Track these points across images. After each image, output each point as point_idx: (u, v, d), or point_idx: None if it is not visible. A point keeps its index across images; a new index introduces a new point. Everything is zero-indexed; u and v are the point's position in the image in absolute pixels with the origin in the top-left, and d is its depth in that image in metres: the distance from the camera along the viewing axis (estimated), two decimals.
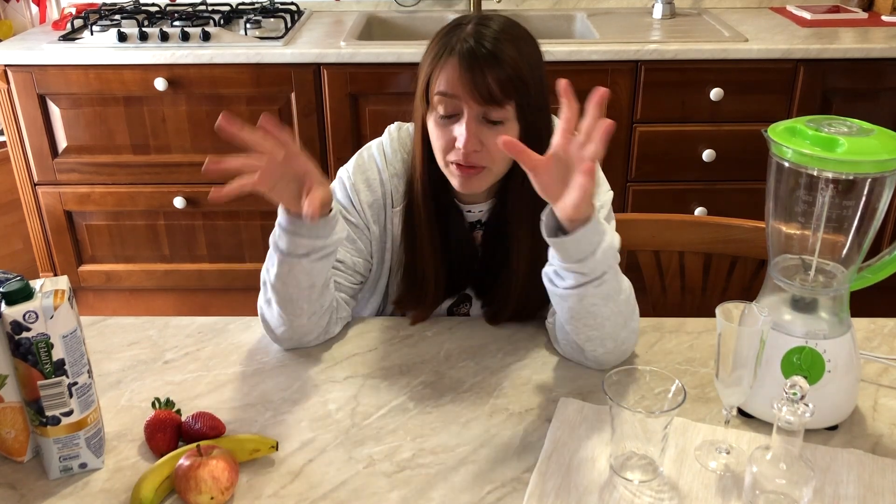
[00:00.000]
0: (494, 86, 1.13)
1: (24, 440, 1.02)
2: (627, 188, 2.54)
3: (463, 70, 1.13)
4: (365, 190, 1.29)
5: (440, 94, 1.16)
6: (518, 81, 1.14)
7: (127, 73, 2.41)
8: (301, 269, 1.13)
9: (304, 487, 0.98)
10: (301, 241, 1.11)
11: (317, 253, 1.13)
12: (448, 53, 1.15)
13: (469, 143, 1.15)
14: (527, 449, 1.04)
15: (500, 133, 1.14)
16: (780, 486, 0.89)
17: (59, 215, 2.61)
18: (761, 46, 2.36)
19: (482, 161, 1.18)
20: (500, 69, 1.13)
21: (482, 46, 1.13)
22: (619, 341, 1.15)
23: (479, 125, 1.16)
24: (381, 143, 1.32)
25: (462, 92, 1.14)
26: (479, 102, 1.14)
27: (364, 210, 1.29)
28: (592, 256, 1.06)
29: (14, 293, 0.93)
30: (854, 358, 1.06)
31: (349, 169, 1.31)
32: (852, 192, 0.99)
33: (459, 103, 1.15)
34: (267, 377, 1.20)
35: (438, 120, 1.18)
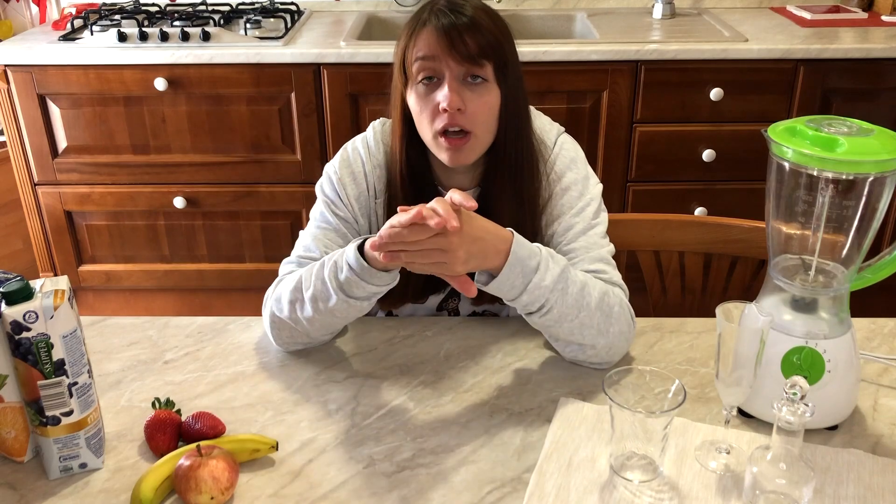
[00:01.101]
0: (472, 44, 1.16)
1: (24, 440, 1.02)
2: (627, 188, 2.54)
3: (440, 32, 1.16)
4: (351, 183, 1.30)
5: (420, 59, 1.18)
6: (495, 44, 1.18)
7: (127, 73, 2.41)
8: (358, 307, 1.15)
9: (304, 487, 0.98)
10: (369, 288, 1.11)
11: (376, 296, 1.14)
12: (422, 24, 1.19)
13: (453, 101, 1.17)
14: (527, 449, 1.04)
15: (482, 94, 1.19)
16: (780, 486, 0.89)
17: (60, 215, 2.61)
18: (761, 46, 2.36)
19: (467, 124, 1.19)
20: (477, 31, 1.17)
21: (458, 13, 1.17)
22: (600, 348, 1.17)
23: (460, 85, 1.18)
24: (364, 137, 1.34)
25: (441, 52, 1.17)
26: (458, 61, 1.17)
27: (351, 203, 1.30)
28: (519, 298, 1.10)
29: (14, 293, 0.93)
30: (854, 358, 1.06)
31: (335, 164, 1.32)
32: (852, 192, 0.99)
33: (440, 65, 1.18)
34: (267, 377, 1.20)
35: (420, 90, 1.20)
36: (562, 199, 1.28)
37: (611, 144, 2.47)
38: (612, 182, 2.52)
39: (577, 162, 1.31)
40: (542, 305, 1.11)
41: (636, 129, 2.47)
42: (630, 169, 2.52)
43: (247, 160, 2.53)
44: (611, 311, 1.16)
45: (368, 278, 1.09)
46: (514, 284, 1.09)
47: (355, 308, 1.14)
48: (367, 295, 1.12)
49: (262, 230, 2.63)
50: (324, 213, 1.30)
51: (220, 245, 2.67)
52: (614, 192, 2.54)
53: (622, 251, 1.51)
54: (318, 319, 1.16)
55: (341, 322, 1.20)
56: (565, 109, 2.43)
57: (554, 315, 1.12)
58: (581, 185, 1.29)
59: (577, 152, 1.33)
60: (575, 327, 1.14)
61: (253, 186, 2.56)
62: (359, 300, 1.13)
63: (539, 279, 1.09)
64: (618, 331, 1.16)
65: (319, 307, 1.14)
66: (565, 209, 1.27)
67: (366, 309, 1.16)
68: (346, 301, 1.12)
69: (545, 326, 1.15)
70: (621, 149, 2.48)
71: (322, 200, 1.30)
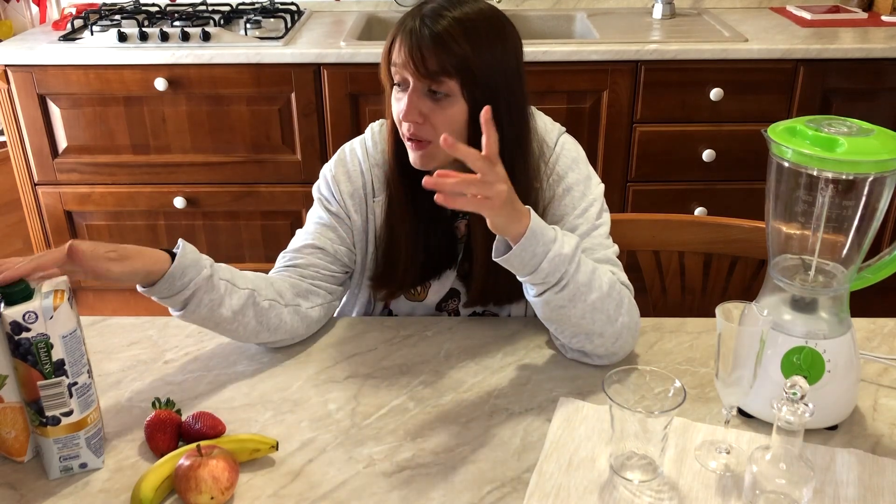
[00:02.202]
0: (432, 61, 1.15)
1: (24, 440, 1.02)
2: (627, 188, 2.54)
3: (407, 44, 1.16)
4: (345, 181, 1.32)
5: (394, 64, 1.19)
6: (460, 61, 1.15)
7: (127, 73, 2.41)
8: (194, 318, 1.16)
9: (304, 487, 0.98)
10: (163, 302, 1.13)
11: (182, 306, 1.14)
12: (402, 29, 1.19)
13: (407, 114, 1.17)
14: (527, 449, 1.04)
15: (445, 108, 1.17)
16: (780, 486, 0.89)
17: (60, 215, 2.61)
18: (761, 46, 2.36)
19: (427, 135, 1.19)
20: (440, 48, 1.15)
21: (426, 26, 1.16)
22: (607, 337, 1.16)
23: (422, 98, 1.18)
24: (362, 138, 1.36)
25: (405, 64, 1.17)
26: (419, 77, 1.16)
27: (344, 200, 1.31)
28: (540, 267, 1.08)
29: (14, 293, 0.93)
30: (854, 358, 1.06)
31: (331, 164, 1.35)
32: (852, 192, 0.99)
33: (407, 75, 1.18)
34: (267, 377, 1.20)
35: (395, 92, 1.22)
36: (564, 200, 1.28)
37: (611, 144, 2.47)
38: (612, 182, 2.52)
39: (578, 162, 1.31)
40: (560, 278, 1.09)
41: (636, 129, 2.47)
42: (630, 169, 2.52)
43: (247, 160, 2.53)
44: (621, 300, 1.16)
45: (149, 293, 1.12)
46: (535, 252, 1.07)
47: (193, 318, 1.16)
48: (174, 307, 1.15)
49: (262, 230, 2.63)
50: (317, 209, 1.33)
51: (220, 245, 2.66)
52: (614, 192, 2.54)
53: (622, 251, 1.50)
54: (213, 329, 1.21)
55: (218, 329, 1.20)
56: (565, 109, 2.43)
57: (569, 292, 1.10)
58: (583, 186, 1.29)
59: (579, 152, 1.33)
60: (587, 310, 1.13)
61: (253, 186, 2.56)
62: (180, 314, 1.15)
63: (559, 247, 1.08)
64: (625, 322, 1.16)
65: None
66: (568, 210, 1.27)
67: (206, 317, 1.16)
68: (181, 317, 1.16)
69: (558, 307, 1.12)
70: (621, 149, 2.48)
71: (317, 198, 1.34)
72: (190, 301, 1.13)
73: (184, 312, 1.14)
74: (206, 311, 1.15)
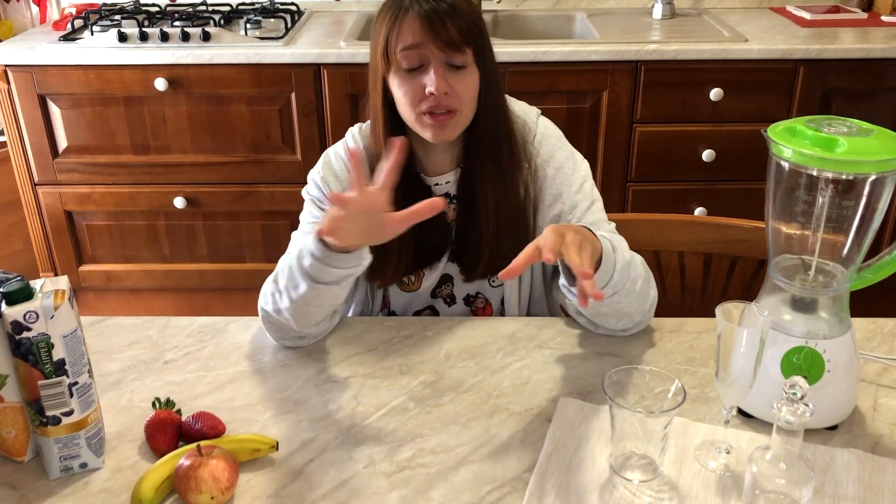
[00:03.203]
0: (454, 31, 1.20)
1: (24, 440, 1.02)
2: (627, 188, 2.54)
3: (424, 20, 1.19)
4: (334, 181, 1.33)
5: (405, 48, 1.21)
6: (475, 27, 1.22)
7: (127, 74, 2.42)
8: (329, 293, 1.16)
9: (304, 487, 0.99)
10: (334, 272, 1.13)
11: (347, 280, 1.15)
12: (405, 11, 1.21)
13: (440, 86, 1.21)
14: (527, 449, 1.04)
15: (464, 77, 1.23)
16: (780, 486, 0.89)
17: (60, 215, 2.62)
18: (761, 46, 2.36)
19: (454, 104, 1.23)
20: (459, 17, 1.20)
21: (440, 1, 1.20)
22: (643, 313, 1.24)
23: (445, 69, 1.22)
24: (343, 141, 1.38)
25: (425, 39, 1.20)
26: (441, 48, 1.20)
27: None
28: (612, 280, 1.14)
29: (14, 293, 0.93)
30: (854, 358, 1.06)
31: (317, 168, 1.36)
32: (852, 192, 0.99)
33: (424, 52, 1.21)
34: (267, 377, 1.20)
35: (404, 76, 1.23)
36: (557, 179, 1.33)
37: (611, 144, 2.47)
38: (612, 182, 2.52)
39: (562, 140, 1.37)
40: (626, 282, 1.16)
41: (636, 129, 2.47)
42: (630, 169, 2.52)
43: (247, 160, 2.53)
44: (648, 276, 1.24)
45: (332, 262, 1.11)
46: (607, 269, 1.13)
47: (327, 293, 1.15)
48: (335, 279, 1.13)
49: (262, 230, 2.63)
50: (312, 211, 1.34)
51: (221, 245, 2.67)
52: (614, 192, 2.54)
53: None
54: (294, 309, 1.18)
55: (319, 310, 1.20)
56: (565, 109, 2.43)
57: (627, 289, 1.17)
58: (572, 163, 1.35)
59: (558, 131, 1.39)
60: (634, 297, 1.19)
61: (253, 186, 2.57)
62: (328, 285, 1.14)
63: (620, 256, 1.15)
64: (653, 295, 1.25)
65: (292, 296, 1.16)
66: (563, 187, 1.32)
67: (339, 294, 1.17)
68: (315, 287, 1.14)
69: (615, 303, 1.18)
70: (621, 149, 2.48)
71: (309, 200, 1.36)
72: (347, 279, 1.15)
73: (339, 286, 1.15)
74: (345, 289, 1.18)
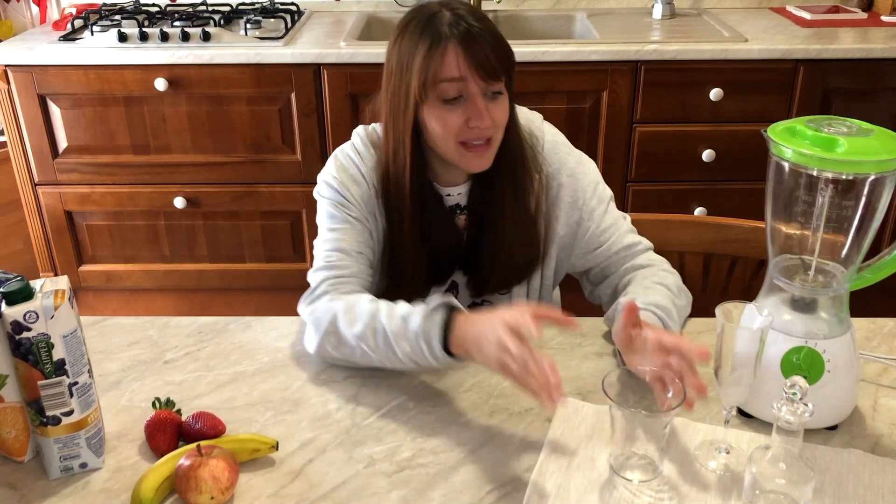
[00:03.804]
0: (496, 62, 1.19)
1: (24, 440, 1.02)
2: (627, 188, 2.54)
3: (468, 52, 1.18)
4: (353, 185, 1.29)
5: (448, 80, 1.19)
6: (510, 52, 1.22)
7: (127, 74, 2.41)
8: (400, 367, 1.16)
9: (304, 487, 0.99)
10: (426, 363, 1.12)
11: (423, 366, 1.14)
12: (444, 40, 1.19)
13: (486, 119, 1.20)
14: (527, 449, 1.04)
15: (500, 104, 1.23)
16: (780, 486, 0.89)
17: (60, 215, 2.61)
18: (761, 46, 2.36)
19: (491, 132, 1.23)
20: (497, 46, 1.20)
21: (474, 26, 1.19)
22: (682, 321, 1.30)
23: (485, 100, 1.21)
24: (351, 143, 1.34)
25: (468, 72, 1.18)
26: (484, 78, 1.19)
27: (361, 204, 1.29)
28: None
29: (14, 293, 0.93)
30: (854, 358, 1.06)
31: (331, 172, 1.31)
32: (852, 192, 0.99)
33: (465, 84, 1.19)
34: (267, 377, 1.20)
35: (442, 106, 1.21)
36: (571, 185, 1.33)
37: (611, 144, 2.47)
38: (612, 182, 2.49)
39: (568, 146, 1.37)
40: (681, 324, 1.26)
41: (636, 129, 2.46)
42: (630, 169, 2.52)
43: (247, 160, 2.53)
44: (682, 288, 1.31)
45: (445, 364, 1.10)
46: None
47: (404, 366, 1.15)
48: (419, 363, 1.12)
49: (262, 230, 2.63)
50: (336, 215, 1.28)
51: (220, 245, 2.66)
52: (614, 193, 2.52)
53: None
54: (368, 361, 1.17)
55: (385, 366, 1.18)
56: (565, 109, 2.43)
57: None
58: (582, 166, 1.36)
59: (563, 135, 1.39)
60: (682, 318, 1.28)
61: (253, 186, 2.56)
62: (412, 363, 1.13)
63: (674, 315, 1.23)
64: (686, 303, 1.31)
65: (383, 363, 1.15)
66: (578, 193, 1.33)
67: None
68: (399, 361, 1.13)
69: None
70: (621, 149, 2.48)
71: (331, 205, 1.28)
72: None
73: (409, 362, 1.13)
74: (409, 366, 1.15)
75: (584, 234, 1.35)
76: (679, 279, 1.32)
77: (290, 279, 2.66)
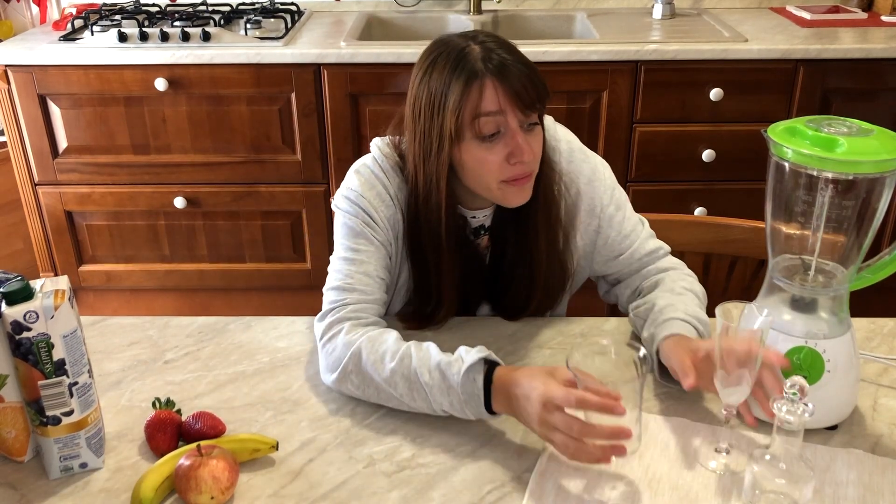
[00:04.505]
0: (533, 94, 1.16)
1: (24, 440, 1.02)
2: (627, 188, 2.54)
3: (504, 85, 1.14)
4: (381, 205, 1.24)
5: (486, 114, 1.14)
6: (544, 83, 1.18)
7: (127, 74, 2.41)
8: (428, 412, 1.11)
9: (304, 487, 0.99)
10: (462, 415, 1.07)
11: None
12: (476, 77, 1.14)
13: (528, 153, 1.16)
14: (527, 449, 1.04)
15: (537, 135, 1.20)
16: (780, 486, 0.89)
17: (60, 215, 2.61)
18: (761, 46, 2.36)
19: (533, 166, 1.20)
20: (532, 75, 1.17)
21: (507, 59, 1.15)
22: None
23: (524, 132, 1.17)
24: (373, 158, 1.28)
25: (508, 105, 1.14)
26: (522, 110, 1.15)
27: (387, 226, 1.24)
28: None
29: (14, 293, 0.93)
30: (854, 358, 1.06)
31: (355, 189, 1.24)
32: (852, 192, 0.99)
33: (504, 118, 1.15)
34: (267, 377, 1.20)
35: (481, 145, 1.16)
36: (589, 192, 1.32)
37: (611, 144, 2.47)
38: None
39: (584, 150, 1.36)
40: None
41: (636, 129, 2.47)
42: (630, 169, 2.52)
43: (247, 160, 2.53)
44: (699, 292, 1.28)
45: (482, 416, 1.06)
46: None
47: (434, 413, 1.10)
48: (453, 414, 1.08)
49: (262, 230, 2.63)
50: (361, 234, 1.22)
51: (221, 245, 2.67)
52: None
53: None
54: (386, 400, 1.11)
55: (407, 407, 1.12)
56: (565, 109, 2.43)
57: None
58: (598, 171, 1.34)
59: (575, 137, 1.37)
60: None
61: (253, 186, 2.56)
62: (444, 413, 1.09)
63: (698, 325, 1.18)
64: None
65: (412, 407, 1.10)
66: (596, 200, 1.32)
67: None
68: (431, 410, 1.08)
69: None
70: (621, 149, 2.48)
71: (357, 223, 1.22)
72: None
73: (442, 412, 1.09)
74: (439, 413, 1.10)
75: (604, 241, 1.33)
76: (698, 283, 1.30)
77: (291, 279, 2.66)
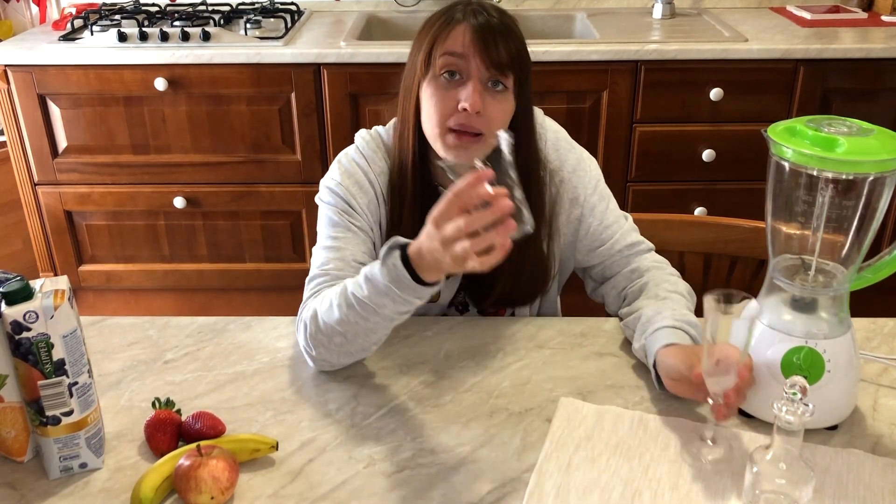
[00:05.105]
0: (504, 52, 1.17)
1: (24, 440, 1.02)
2: (627, 188, 2.54)
3: (476, 33, 1.17)
4: (359, 192, 1.26)
5: (450, 53, 1.18)
6: (523, 55, 1.21)
7: (127, 73, 2.41)
8: (392, 325, 1.11)
9: (304, 487, 0.99)
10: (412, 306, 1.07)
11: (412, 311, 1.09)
12: (456, 21, 1.18)
13: (476, 103, 1.17)
14: (527, 449, 1.04)
15: (500, 101, 1.20)
16: (780, 486, 0.89)
17: (60, 215, 2.61)
18: (761, 46, 2.36)
19: (480, 126, 1.19)
20: (510, 39, 1.19)
21: (493, 17, 1.19)
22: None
23: (483, 88, 1.18)
24: (356, 147, 1.31)
25: (472, 52, 1.17)
26: (486, 66, 1.17)
27: (365, 212, 1.26)
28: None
29: (14, 293, 0.93)
30: (854, 358, 1.06)
31: (335, 177, 1.28)
32: (852, 192, 0.99)
33: (467, 65, 1.18)
34: (267, 377, 1.20)
35: (441, 83, 1.19)
36: (573, 181, 1.33)
37: (611, 144, 2.47)
38: (613, 182, 2.49)
39: (570, 142, 1.37)
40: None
41: (636, 129, 2.47)
42: (630, 169, 2.52)
43: (247, 160, 2.53)
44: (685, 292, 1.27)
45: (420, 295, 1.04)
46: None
47: (390, 325, 1.10)
48: (407, 310, 1.08)
49: (262, 230, 2.63)
50: (338, 223, 1.25)
51: (220, 245, 2.67)
52: (614, 192, 2.50)
53: None
54: (358, 341, 1.12)
55: (377, 340, 1.15)
56: (565, 109, 2.43)
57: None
58: (584, 162, 1.35)
59: (564, 130, 1.38)
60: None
61: (253, 186, 2.57)
62: (392, 319, 1.09)
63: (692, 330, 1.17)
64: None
65: (354, 333, 1.10)
66: (579, 190, 1.33)
67: (398, 322, 1.11)
68: (383, 323, 1.09)
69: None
70: (621, 149, 2.48)
71: (334, 211, 1.25)
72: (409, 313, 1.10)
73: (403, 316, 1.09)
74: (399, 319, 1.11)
75: (585, 230, 1.34)
76: (682, 281, 1.31)
77: (290, 279, 2.66)
